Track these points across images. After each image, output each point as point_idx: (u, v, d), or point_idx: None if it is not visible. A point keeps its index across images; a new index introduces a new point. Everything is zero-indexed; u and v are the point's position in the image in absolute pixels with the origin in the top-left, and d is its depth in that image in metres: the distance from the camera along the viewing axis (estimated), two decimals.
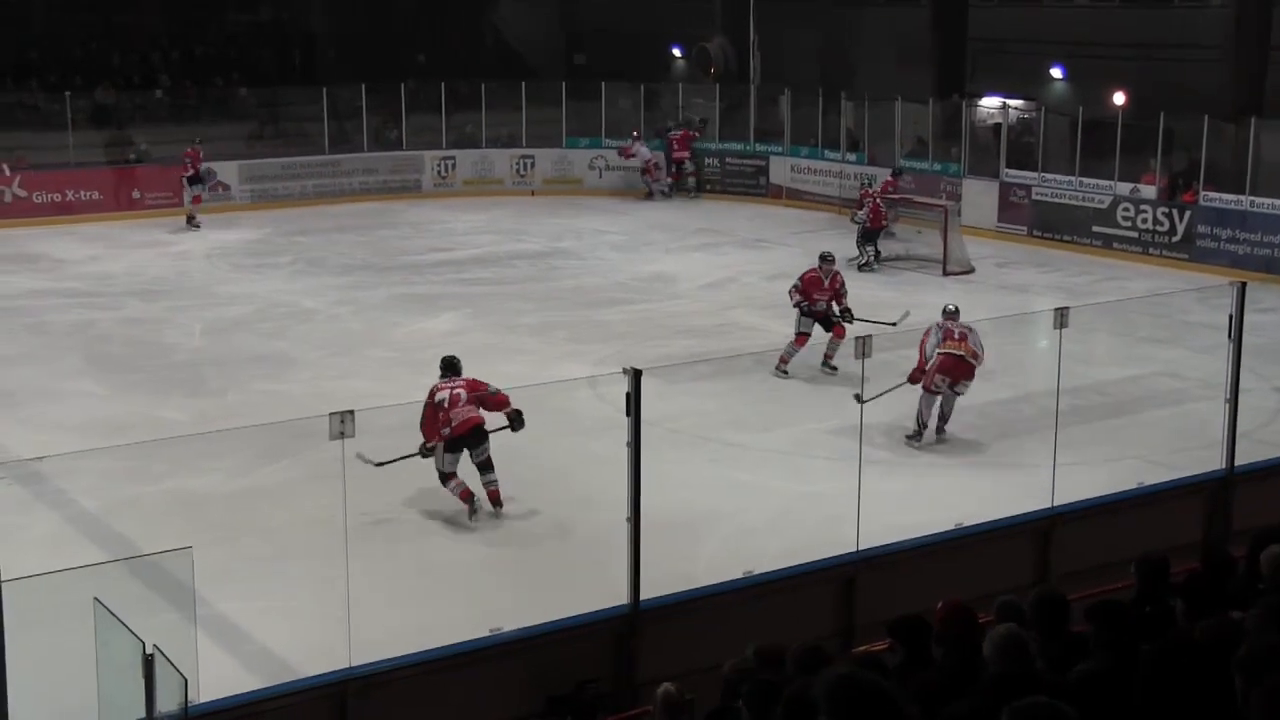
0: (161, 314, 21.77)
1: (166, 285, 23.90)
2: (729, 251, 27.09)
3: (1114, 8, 31.13)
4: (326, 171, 32.43)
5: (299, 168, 32.19)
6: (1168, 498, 11.69)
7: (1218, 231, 25.24)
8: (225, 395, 17.31)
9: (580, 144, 33.91)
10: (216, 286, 23.73)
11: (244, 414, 15.09)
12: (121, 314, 21.84)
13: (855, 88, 32.03)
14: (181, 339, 20.37)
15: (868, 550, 10.39)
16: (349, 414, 8.17)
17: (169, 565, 8.04)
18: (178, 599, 8.09)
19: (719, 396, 16.71)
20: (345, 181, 32.50)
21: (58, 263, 25.57)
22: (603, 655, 9.14)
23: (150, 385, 17.78)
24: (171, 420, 15.79)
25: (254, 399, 16.73)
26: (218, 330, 20.73)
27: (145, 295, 23.05)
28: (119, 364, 18.82)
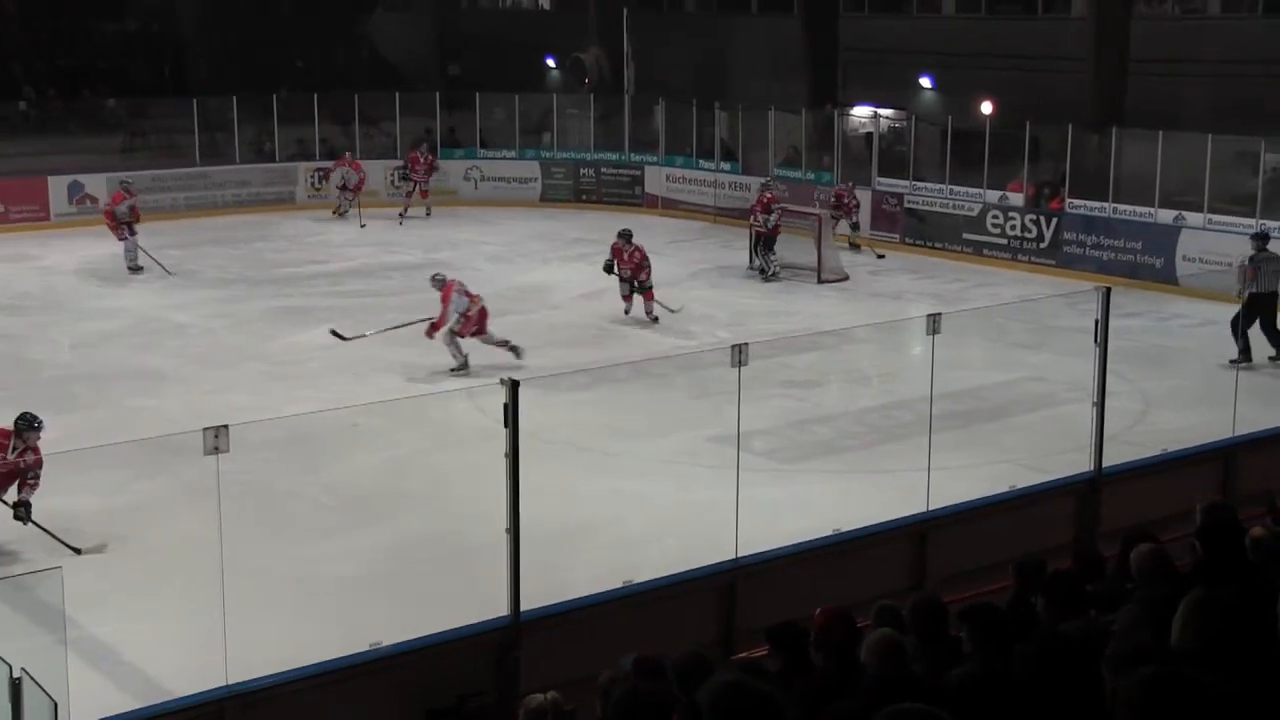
0: (28, 329, 21.32)
1: (33, 300, 23.42)
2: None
3: (981, 19, 31.63)
4: (198, 184, 32.01)
5: (170, 180, 31.71)
6: (1039, 499, 11.84)
7: (1083, 238, 25.69)
8: (96, 411, 16.98)
9: (455, 155, 33.79)
10: (85, 301, 23.30)
11: (116, 430, 14.80)
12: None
13: (729, 97, 32.27)
14: (49, 354, 19.96)
15: (746, 557, 10.43)
16: (223, 428, 8.07)
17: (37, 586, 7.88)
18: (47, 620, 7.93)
19: (597, 405, 16.71)
20: (218, 194, 32.10)
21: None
22: (484, 667, 9.09)
23: (17, 402, 17.35)
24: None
25: (126, 415, 16.43)
26: (87, 345, 20.35)
27: (10, 310, 22.56)
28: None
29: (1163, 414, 16.32)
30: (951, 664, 5.49)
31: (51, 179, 30.27)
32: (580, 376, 16.55)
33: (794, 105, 31.05)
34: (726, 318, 22.26)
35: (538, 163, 33.71)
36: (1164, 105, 25.97)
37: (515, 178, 33.59)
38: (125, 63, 36.69)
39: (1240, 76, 25.97)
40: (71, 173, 30.50)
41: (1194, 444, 13.09)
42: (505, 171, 33.54)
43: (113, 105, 34.09)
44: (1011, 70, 29.14)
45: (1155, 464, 12.52)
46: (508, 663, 9.06)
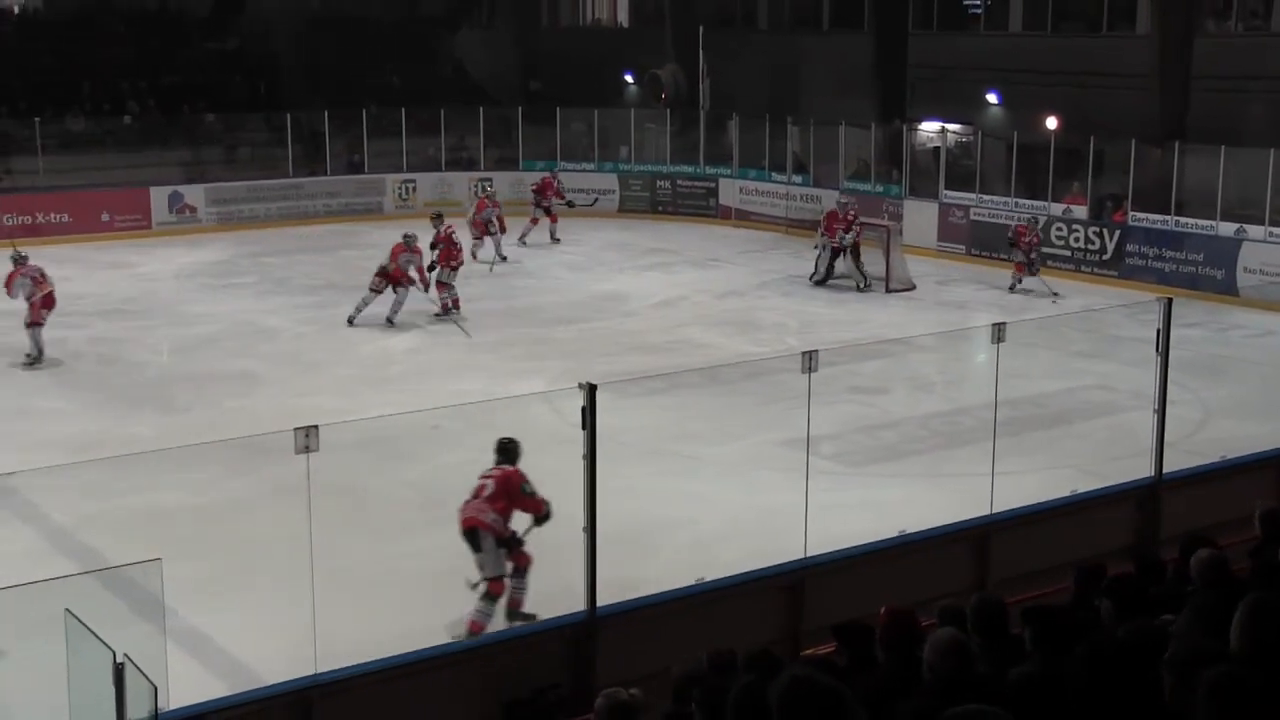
0: (130, 333, 21.62)
1: (135, 305, 23.75)
2: (680, 270, 27.14)
3: (1046, 36, 31.38)
4: (291, 194, 32.36)
5: (264, 191, 32.12)
6: (1099, 505, 11.75)
7: (1145, 250, 25.46)
8: (193, 412, 17.21)
9: (536, 166, 33.89)
10: (184, 306, 23.58)
11: (211, 430, 14.99)
12: (90, 333, 21.67)
13: (801, 112, 32.20)
14: (150, 357, 20.25)
15: (815, 557, 10.41)
16: (314, 429, 8.14)
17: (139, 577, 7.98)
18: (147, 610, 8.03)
19: (672, 410, 16.73)
20: (309, 204, 32.44)
21: None
22: (561, 661, 9.12)
23: (119, 402, 17.66)
24: (140, 436, 15.68)
25: (221, 415, 16.63)
26: (185, 349, 20.61)
27: (114, 315, 22.89)
28: (89, 382, 18.69)
29: (1222, 422, 16.14)
30: (1012, 663, 5.46)
31: (153, 190, 30.72)
32: (654, 382, 16.58)
33: (863, 120, 30.93)
34: (796, 325, 22.23)
35: (615, 175, 33.80)
36: (1226, 121, 25.66)
37: (594, 189, 33.66)
38: (224, 80, 37.08)
39: None
40: (172, 184, 30.92)
41: (1252, 451, 12.93)
42: (584, 183, 33.60)
43: (212, 120, 34.48)
44: (1076, 86, 28.90)
45: (1214, 471, 12.38)
46: (583, 656, 9.09)
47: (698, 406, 17.12)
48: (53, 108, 32.68)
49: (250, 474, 13.70)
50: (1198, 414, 16.50)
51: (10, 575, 8.58)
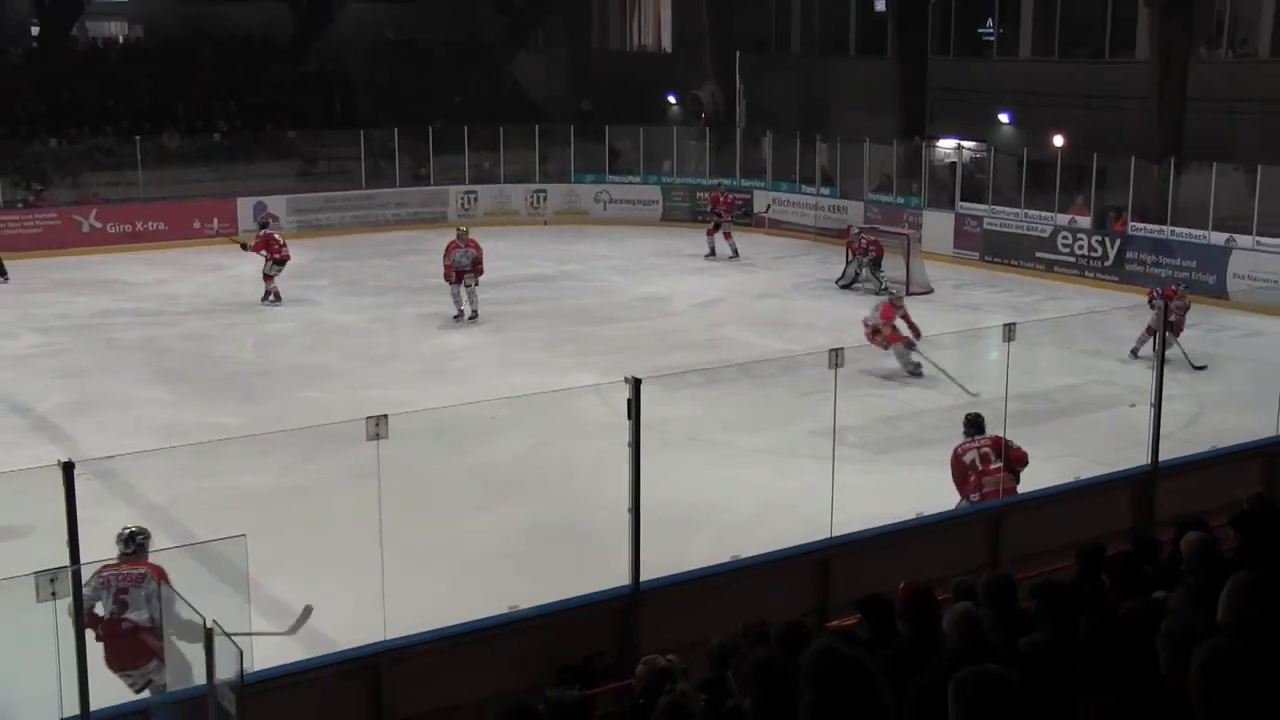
0: (218, 330, 21.80)
1: (222, 304, 23.93)
2: (719, 275, 27.13)
3: (1054, 62, 31.17)
4: (363, 204, 32.53)
5: (339, 201, 32.32)
6: (1101, 490, 11.68)
7: (1144, 257, 25.31)
8: (272, 402, 17.33)
9: (586, 179, 34.00)
10: (267, 306, 23.73)
11: (289, 419, 15.10)
12: (182, 330, 21.86)
13: (829, 130, 32.13)
14: (235, 352, 20.40)
15: (840, 537, 10.38)
16: (383, 418, 8.18)
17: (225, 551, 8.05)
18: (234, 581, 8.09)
19: (710, 402, 16.73)
20: (380, 213, 32.60)
21: (129, 285, 25.63)
22: (607, 631, 9.13)
23: (208, 393, 17.81)
24: (226, 424, 15.80)
25: (298, 405, 16.74)
26: (267, 344, 20.76)
27: (204, 314, 23.08)
28: (181, 374, 18.85)
29: (1213, 415, 16.02)
30: (1021, 634, 5.44)
31: (240, 200, 30.95)
32: (694, 376, 16.57)
33: (886, 137, 30.84)
34: (825, 324, 22.16)
35: (659, 187, 33.80)
36: (1218, 139, 25.47)
37: (639, 200, 33.72)
38: (302, 100, 37.31)
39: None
40: (257, 194, 31.17)
41: (1241, 442, 12.82)
42: (630, 194, 33.68)
43: (292, 136, 34.72)
44: (1081, 107, 28.71)
45: (1206, 459, 12.29)
46: (628, 627, 9.09)
47: (734, 399, 17.11)
48: (150, 126, 33.03)
49: (325, 459, 13.78)
50: (1192, 407, 16.38)
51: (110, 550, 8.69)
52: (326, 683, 8.22)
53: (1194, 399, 16.72)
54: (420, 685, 8.39)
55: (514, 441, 15.11)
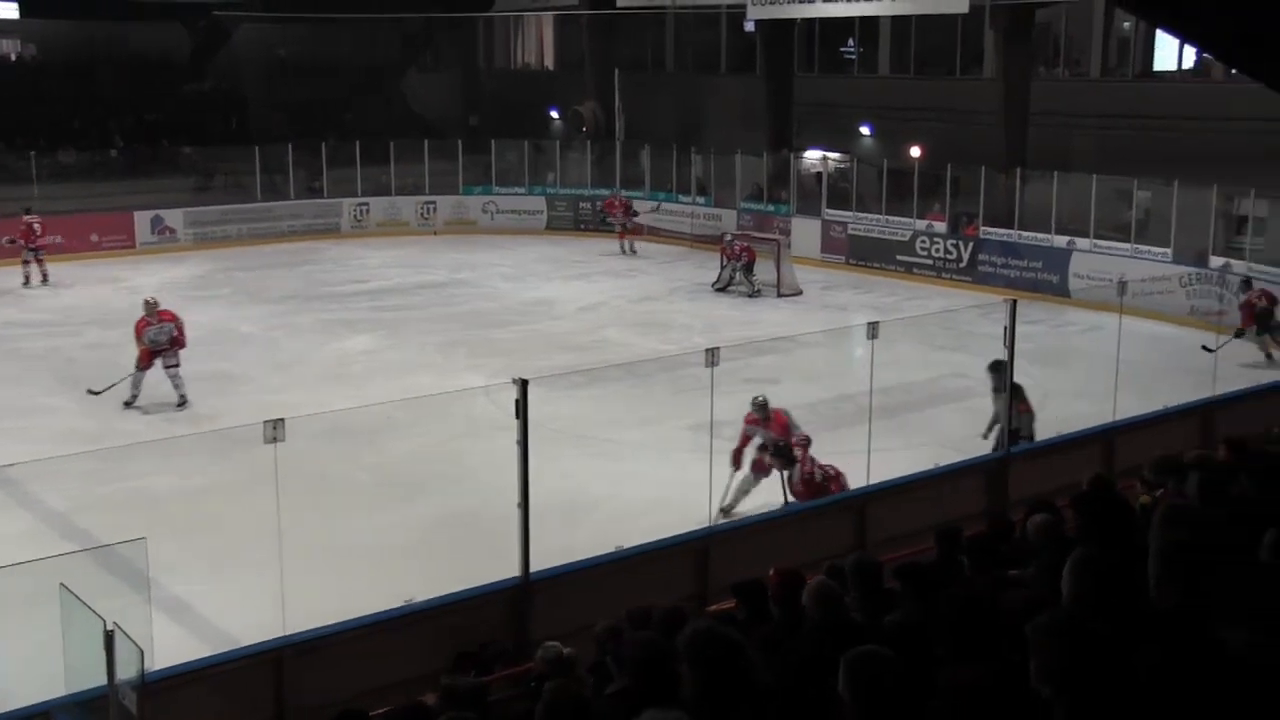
0: (120, 339, 21.22)
1: (123, 315, 23.30)
2: (601, 280, 27.14)
3: (910, 79, 31.70)
4: (259, 217, 31.99)
5: (236, 214, 31.75)
6: (958, 476, 11.86)
7: (994, 259, 25.83)
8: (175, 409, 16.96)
9: (474, 191, 33.83)
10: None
11: (193, 423, 14.81)
12: (84, 340, 21.30)
13: (703, 142, 32.31)
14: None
15: (718, 525, 10.45)
16: (280, 421, 8.06)
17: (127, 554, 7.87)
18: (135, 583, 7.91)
19: (594, 401, 16.72)
20: (275, 225, 32.07)
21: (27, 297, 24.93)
22: (501, 619, 9.08)
23: (112, 401, 17.36)
24: (130, 431, 15.45)
25: (202, 411, 16.43)
26: None
27: (105, 324, 22.50)
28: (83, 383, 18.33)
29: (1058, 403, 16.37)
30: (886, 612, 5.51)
31: (137, 214, 30.28)
32: (578, 376, 16.55)
33: (756, 149, 31.12)
34: (701, 325, 22.30)
35: (543, 197, 33.74)
36: (1058, 151, 26.11)
37: (525, 210, 33.62)
38: (200, 116, 36.64)
39: (1117, 128, 26.15)
40: (154, 208, 30.52)
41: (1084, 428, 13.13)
42: (516, 205, 33.57)
43: (189, 152, 34.07)
44: (936, 121, 29.22)
45: (1053, 445, 12.55)
46: (520, 615, 9.06)
47: (617, 397, 17.12)
48: (46, 143, 32.15)
49: (227, 462, 13.52)
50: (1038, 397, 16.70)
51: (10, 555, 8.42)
52: (229, 678, 8.06)
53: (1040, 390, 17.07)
54: (322, 677, 8.27)
55: (410, 441, 14.97)
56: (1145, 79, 28.00)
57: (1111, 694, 3.36)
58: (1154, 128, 25.46)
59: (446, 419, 15.24)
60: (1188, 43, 22.67)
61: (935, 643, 4.62)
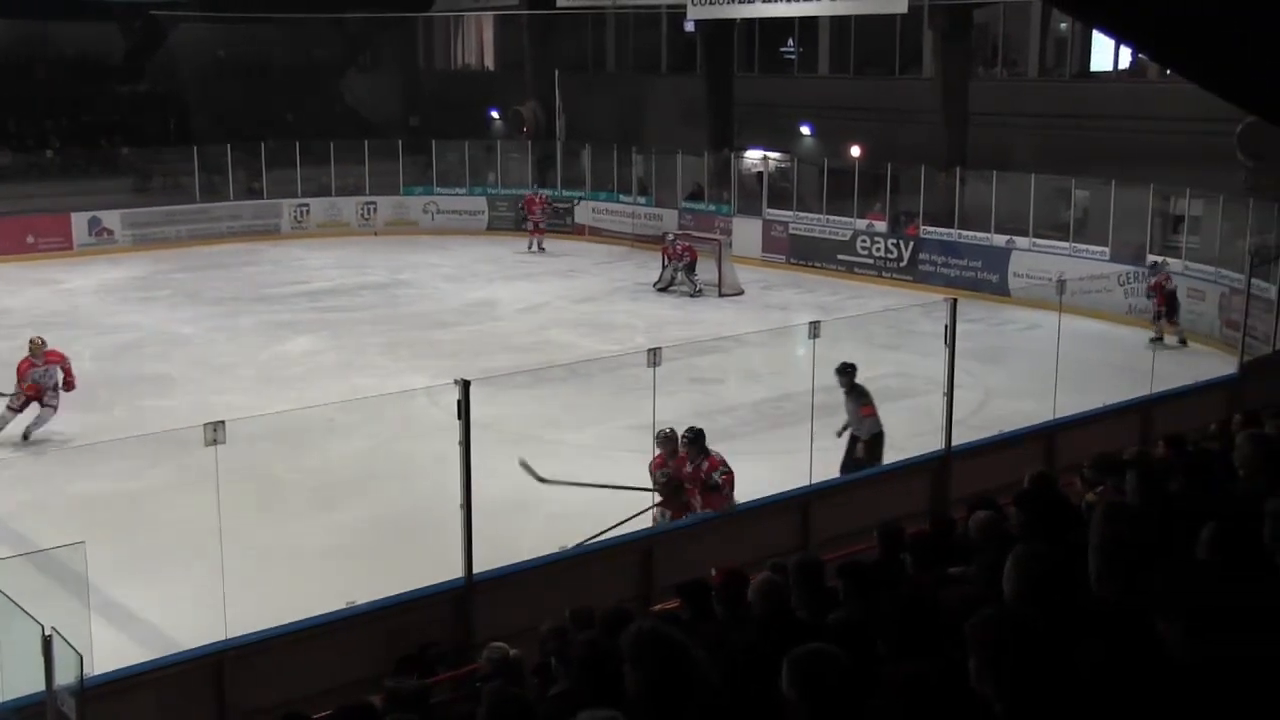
0: (56, 342, 20.82)
1: (60, 317, 23.02)
2: (544, 280, 27.08)
3: (850, 79, 31.86)
4: (199, 218, 31.68)
5: (175, 215, 31.44)
6: (901, 474, 11.94)
7: (935, 258, 26.02)
8: (114, 411, 16.75)
9: (415, 191, 33.68)
10: (105, 318, 22.96)
11: (131, 427, 14.61)
12: (19, 343, 20.91)
13: (644, 142, 32.33)
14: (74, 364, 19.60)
15: (661, 526, 10.45)
16: (220, 424, 7.98)
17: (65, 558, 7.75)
18: (74, 588, 7.80)
19: (536, 401, 16.67)
20: (215, 226, 31.77)
21: None
22: (444, 621, 9.03)
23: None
24: (67, 434, 15.23)
25: (141, 414, 16.24)
26: (107, 355, 20.04)
27: (41, 326, 22.06)
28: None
29: (999, 402, 16.52)
30: (829, 610, 5.52)
31: (74, 215, 29.88)
32: (521, 377, 16.49)
33: (698, 149, 31.18)
34: (644, 325, 22.30)
35: (484, 198, 33.63)
36: (997, 150, 26.34)
37: (466, 210, 33.50)
38: (137, 118, 36.20)
39: (1055, 128, 26.42)
40: (91, 210, 30.10)
41: (1024, 425, 13.25)
42: (457, 205, 33.45)
43: (126, 153, 33.68)
44: (875, 120, 29.39)
45: (993, 443, 12.64)
46: (463, 617, 9.01)
47: (559, 398, 17.08)
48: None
49: (166, 465, 13.36)
50: (980, 395, 16.88)
51: None
52: (169, 682, 7.96)
53: (981, 388, 17.23)
54: (263, 680, 8.19)
55: (352, 443, 14.87)
56: (1082, 79, 28.32)
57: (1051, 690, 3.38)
58: (1091, 127, 25.76)
59: (388, 420, 15.14)
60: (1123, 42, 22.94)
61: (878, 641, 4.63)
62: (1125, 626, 3.64)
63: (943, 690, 3.69)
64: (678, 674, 4.08)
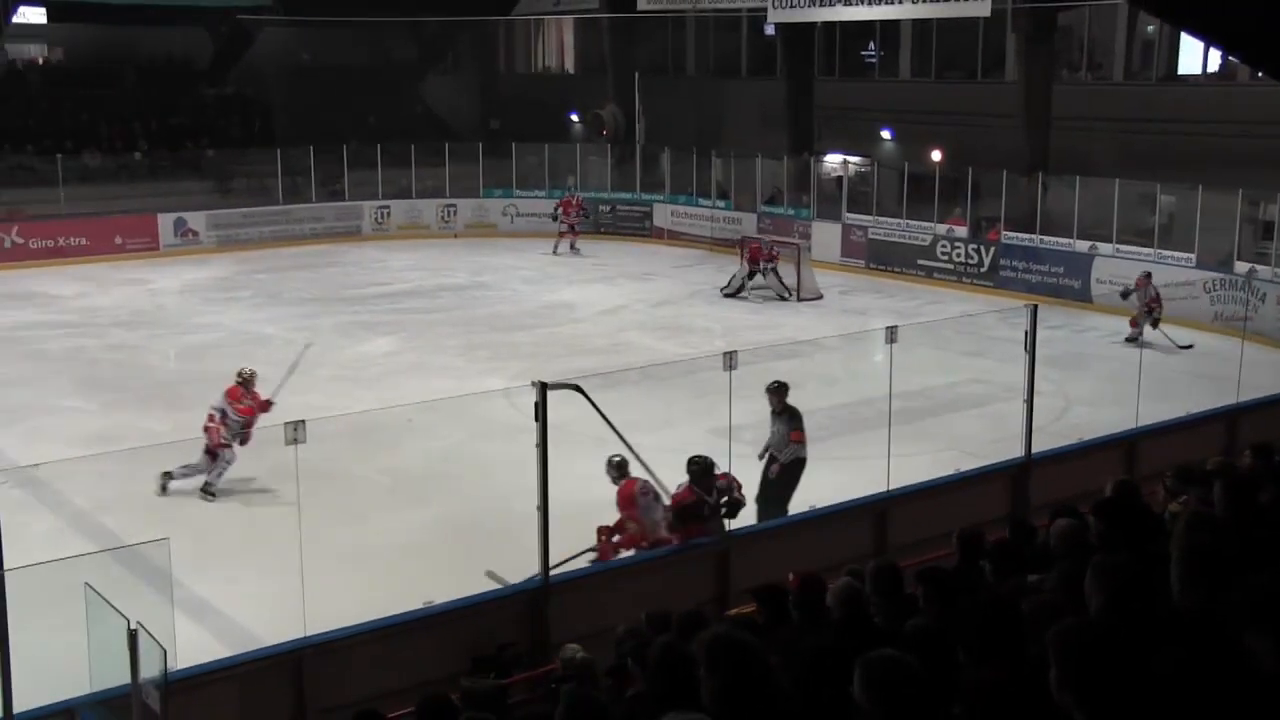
0: (142, 341, 21.38)
1: (146, 316, 23.49)
2: (621, 283, 27.14)
3: (931, 82, 31.63)
4: (281, 219, 32.10)
5: (258, 216, 31.87)
6: (980, 481, 11.83)
7: (1015, 264, 25.74)
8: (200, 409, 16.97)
9: (495, 194, 33.88)
10: (189, 317, 23.35)
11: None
12: (107, 341, 21.41)
13: (723, 146, 32.29)
14: (160, 362, 20.03)
15: (738, 530, 10.44)
16: (301, 423, 8.08)
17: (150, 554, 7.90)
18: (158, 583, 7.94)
19: (613, 404, 16.66)
20: (297, 228, 32.18)
21: (52, 299, 25.05)
22: (519, 622, 9.09)
23: (134, 402, 17.45)
24: (154, 430, 15.51)
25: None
26: (191, 354, 20.39)
27: (129, 325, 22.63)
28: (106, 384, 18.46)
29: (1080, 410, 16.32)
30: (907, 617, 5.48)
31: (160, 216, 30.41)
32: (598, 379, 16.50)
33: (777, 153, 31.10)
34: (721, 329, 22.27)
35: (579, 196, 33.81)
36: (1080, 155, 26.01)
37: (545, 213, 33.58)
38: (223, 120, 36.83)
39: (1141, 132, 26.01)
40: (177, 211, 30.65)
41: (1105, 434, 13.08)
42: (536, 208, 33.55)
43: (212, 155, 34.24)
44: (957, 125, 29.14)
45: (1074, 450, 12.51)
46: (540, 618, 9.06)
47: (636, 401, 17.06)
48: (72, 145, 32.38)
49: (249, 463, 13.57)
50: (1060, 403, 16.68)
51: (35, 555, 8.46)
52: (249, 678, 8.08)
53: (1062, 395, 17.03)
54: (341, 678, 8.29)
55: (429, 443, 14.99)
56: (1169, 82, 27.87)
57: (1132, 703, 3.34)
58: (1178, 131, 25.32)
59: (466, 421, 15.25)
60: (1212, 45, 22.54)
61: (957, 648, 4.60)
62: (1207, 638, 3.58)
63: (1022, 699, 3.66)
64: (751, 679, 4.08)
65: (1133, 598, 4.01)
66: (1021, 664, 4.08)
